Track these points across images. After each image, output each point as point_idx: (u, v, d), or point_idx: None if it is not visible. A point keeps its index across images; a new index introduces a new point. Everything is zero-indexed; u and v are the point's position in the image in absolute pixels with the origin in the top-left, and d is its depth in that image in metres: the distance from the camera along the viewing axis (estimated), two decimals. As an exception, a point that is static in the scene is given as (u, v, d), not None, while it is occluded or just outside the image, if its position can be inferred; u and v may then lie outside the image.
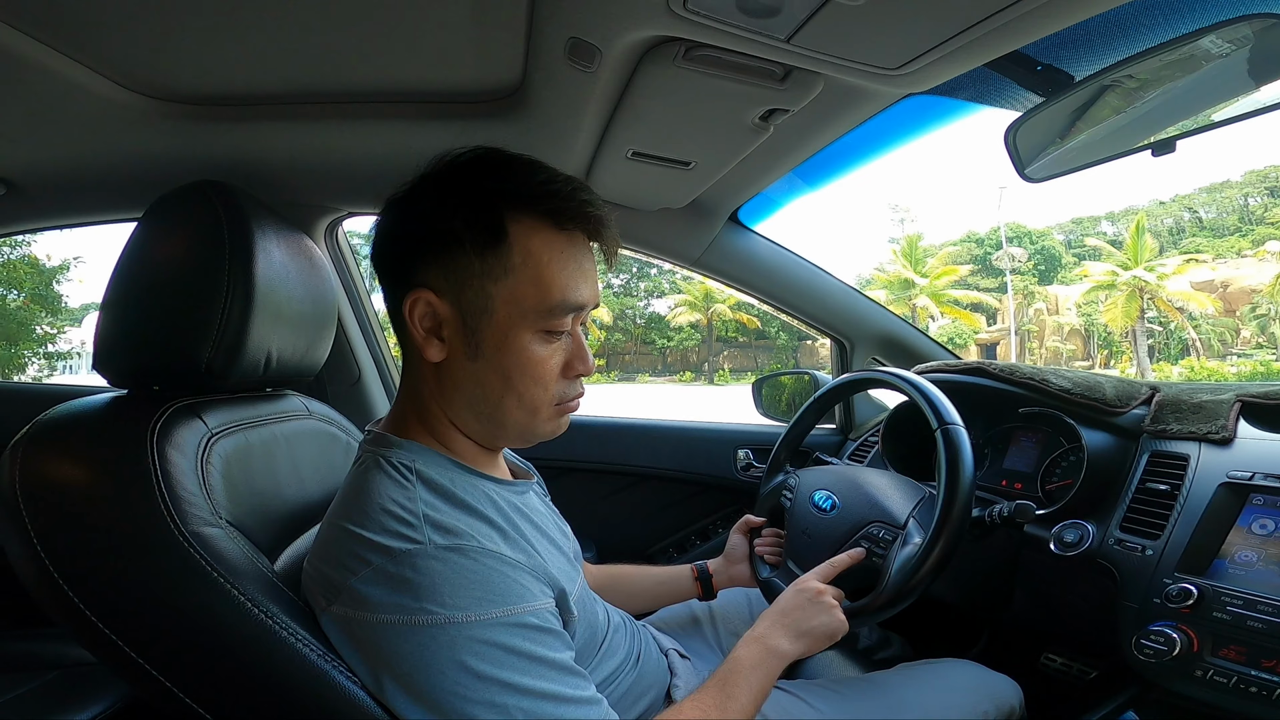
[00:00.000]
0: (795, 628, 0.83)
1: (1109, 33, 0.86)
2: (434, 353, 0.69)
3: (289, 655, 0.60)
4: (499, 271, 0.66)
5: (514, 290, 0.67)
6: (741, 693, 0.75)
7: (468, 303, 0.67)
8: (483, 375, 0.69)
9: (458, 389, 0.71)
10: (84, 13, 0.83)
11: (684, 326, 33.77)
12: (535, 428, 0.73)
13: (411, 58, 0.97)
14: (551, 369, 0.70)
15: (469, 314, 0.67)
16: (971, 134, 43.04)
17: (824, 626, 0.84)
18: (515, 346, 0.68)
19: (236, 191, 0.79)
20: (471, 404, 0.71)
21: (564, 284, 0.68)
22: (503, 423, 0.71)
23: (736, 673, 0.78)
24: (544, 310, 0.67)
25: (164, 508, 0.62)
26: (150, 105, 1.04)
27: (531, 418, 0.71)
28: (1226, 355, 25.83)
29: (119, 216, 1.46)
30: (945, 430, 0.90)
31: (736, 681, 0.76)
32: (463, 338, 0.68)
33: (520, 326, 0.67)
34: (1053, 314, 30.37)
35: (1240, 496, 0.87)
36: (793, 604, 0.86)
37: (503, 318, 0.67)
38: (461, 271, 0.66)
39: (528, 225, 0.67)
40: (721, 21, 0.75)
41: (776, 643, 0.81)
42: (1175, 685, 0.80)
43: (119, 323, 0.75)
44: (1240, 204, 37.11)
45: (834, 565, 0.92)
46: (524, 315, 0.67)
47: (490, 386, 0.69)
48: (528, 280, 0.67)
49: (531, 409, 0.71)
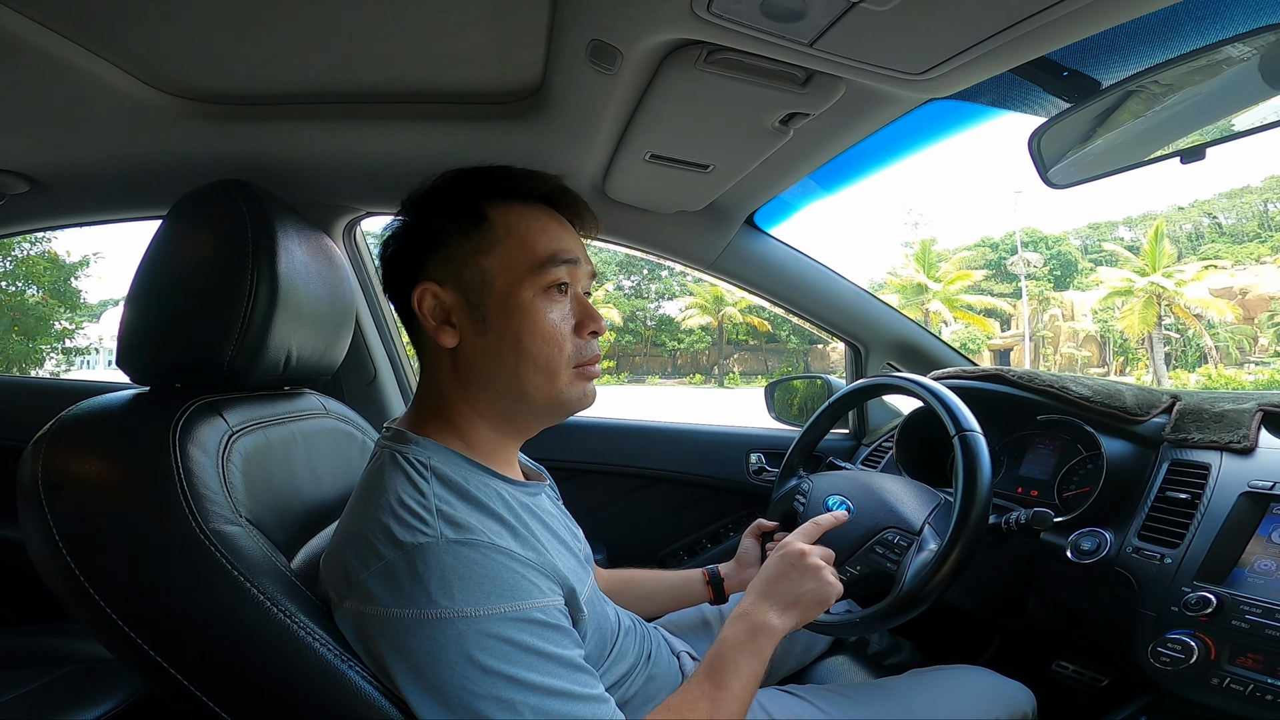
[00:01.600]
0: (783, 597, 0.80)
1: (1136, 39, 0.85)
2: (448, 338, 0.73)
3: (306, 654, 0.61)
4: (486, 245, 0.73)
5: (504, 258, 0.72)
6: (731, 679, 0.72)
7: (467, 281, 0.72)
8: (496, 349, 0.72)
9: (475, 371, 0.73)
10: (112, 12, 0.84)
11: (694, 329, 33.70)
12: (558, 393, 0.74)
13: (433, 59, 0.98)
14: (560, 327, 0.73)
15: (470, 291, 0.72)
16: (987, 138, 42.75)
17: (814, 592, 0.80)
18: (519, 308, 0.72)
19: (260, 191, 0.80)
20: (492, 383, 0.73)
21: (547, 240, 0.74)
22: (525, 394, 0.73)
23: (724, 656, 0.75)
24: (536, 265, 0.73)
25: (186, 506, 0.62)
26: (175, 104, 1.05)
27: (551, 381, 0.73)
28: (1244, 363, 25.47)
29: (142, 214, 1.47)
30: (963, 437, 0.90)
31: (725, 667, 0.74)
32: (470, 316, 0.72)
33: (519, 288, 0.72)
34: (1068, 320, 30.05)
35: (1261, 506, 0.87)
36: (777, 571, 0.82)
37: (501, 285, 0.72)
38: (456, 256, 0.73)
39: (502, 206, 0.75)
40: (745, 25, 0.74)
41: (765, 617, 0.78)
42: (1191, 693, 0.80)
43: (142, 320, 0.76)
44: (1260, 210, 36.57)
45: (819, 524, 0.90)
46: (520, 277, 0.72)
47: (505, 358, 0.72)
48: (514, 245, 0.73)
49: (549, 371, 0.73)
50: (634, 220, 1.47)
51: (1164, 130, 0.92)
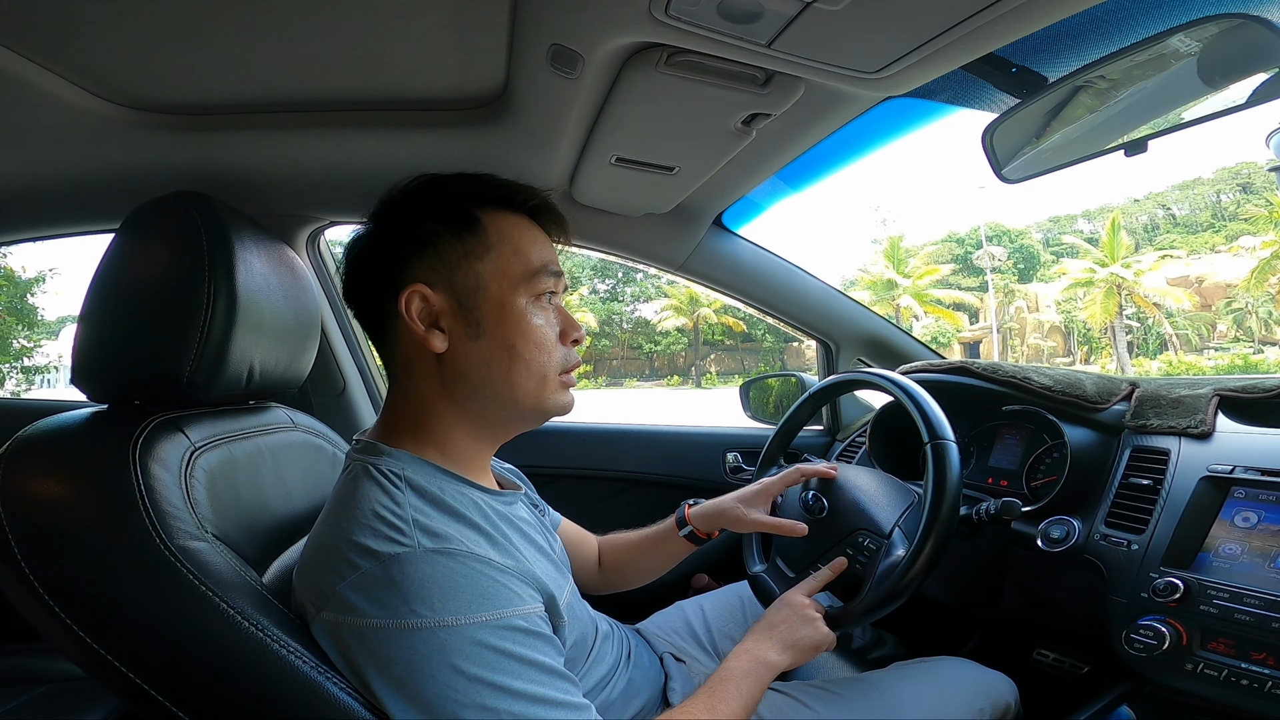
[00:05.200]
0: (783, 640, 0.86)
1: (1081, 34, 0.87)
2: (437, 343, 0.71)
3: (281, 667, 0.60)
4: (481, 250, 0.73)
5: (498, 264, 0.73)
6: (731, 697, 0.77)
7: (460, 284, 0.72)
8: (487, 353, 0.72)
9: (463, 376, 0.72)
10: (58, 22, 0.82)
11: (670, 331, 33.84)
12: (546, 398, 0.75)
13: (393, 66, 0.97)
14: (550, 335, 0.75)
15: (464, 295, 0.72)
16: (949, 134, 43.59)
17: (809, 639, 0.86)
18: (513, 315, 0.72)
19: (215, 202, 0.78)
20: (481, 388, 0.73)
21: (538, 250, 0.75)
22: (514, 399, 0.73)
23: (727, 680, 0.80)
24: (529, 274, 0.73)
25: (149, 523, 0.61)
26: (126, 115, 1.02)
27: (541, 386, 0.74)
28: (1204, 349, 26.29)
29: (95, 228, 1.43)
30: (935, 446, 0.90)
31: (726, 688, 0.78)
32: (462, 320, 0.72)
33: (513, 295, 0.72)
34: (1033, 311, 30.76)
35: (1222, 490, 0.89)
36: (779, 618, 0.89)
37: (495, 291, 0.72)
38: (448, 258, 0.72)
39: (492, 211, 0.75)
40: (703, 27, 0.75)
41: (765, 654, 0.84)
42: (1166, 679, 0.81)
43: (97, 337, 0.73)
44: (1213, 200, 37.81)
45: (817, 580, 0.93)
46: (514, 284, 0.73)
47: (497, 363, 0.72)
48: (508, 252, 0.73)
49: (540, 376, 0.74)
50: (603, 224, 1.47)
51: (1111, 124, 0.95)
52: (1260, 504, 0.84)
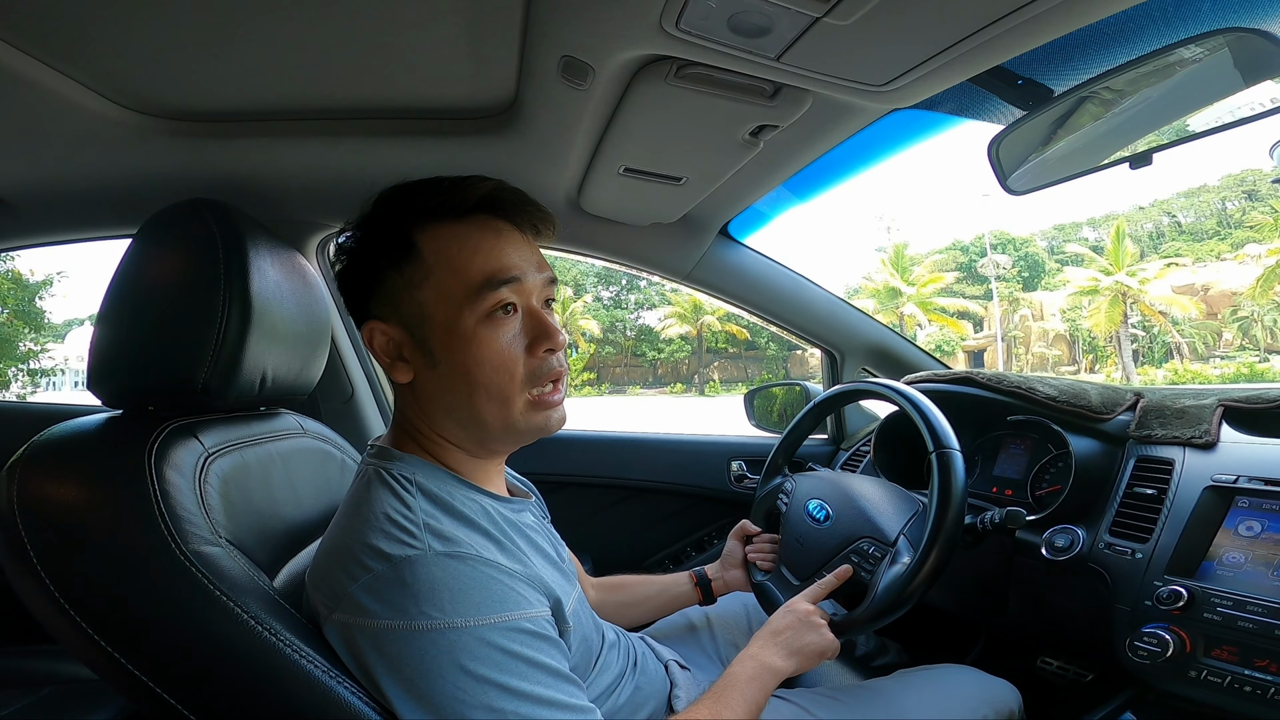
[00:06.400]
0: (787, 646, 0.86)
1: (1087, 47, 0.88)
2: (401, 374, 0.72)
3: (293, 671, 0.60)
4: (419, 278, 0.70)
5: (438, 288, 0.69)
6: (736, 702, 0.78)
7: (407, 316, 0.71)
8: (447, 381, 0.71)
9: (432, 402, 0.73)
10: (78, 29, 0.83)
11: (674, 338, 33.78)
12: (514, 421, 0.72)
13: (405, 75, 0.98)
14: (509, 352, 0.70)
15: (413, 326, 0.71)
16: (955, 144, 43.59)
17: (814, 645, 0.87)
18: (462, 339, 0.69)
19: (231, 209, 0.79)
20: (449, 413, 0.73)
21: (482, 260, 0.70)
22: (482, 423, 0.72)
23: (732, 686, 0.80)
24: (471, 290, 0.69)
25: (164, 527, 0.62)
26: (144, 122, 1.04)
27: (505, 409, 0.71)
28: (1210, 358, 26.14)
29: (111, 234, 1.45)
30: (940, 454, 0.91)
31: (731, 693, 0.79)
32: (418, 351, 0.71)
33: (458, 318, 0.69)
34: (1038, 320, 30.64)
35: (1226, 499, 0.89)
36: (784, 624, 0.89)
37: (441, 318, 0.69)
38: (392, 292, 0.71)
39: (431, 230, 0.71)
40: (713, 40, 0.76)
41: (770, 660, 0.84)
42: (1171, 686, 0.81)
43: (113, 343, 0.75)
44: (1218, 208, 37.67)
45: (823, 586, 0.94)
46: (457, 306, 0.69)
47: (457, 390, 0.71)
48: (446, 273, 0.69)
49: (502, 399, 0.71)
50: (609, 233, 1.48)
51: (1117, 135, 0.96)
52: (1264, 513, 0.85)
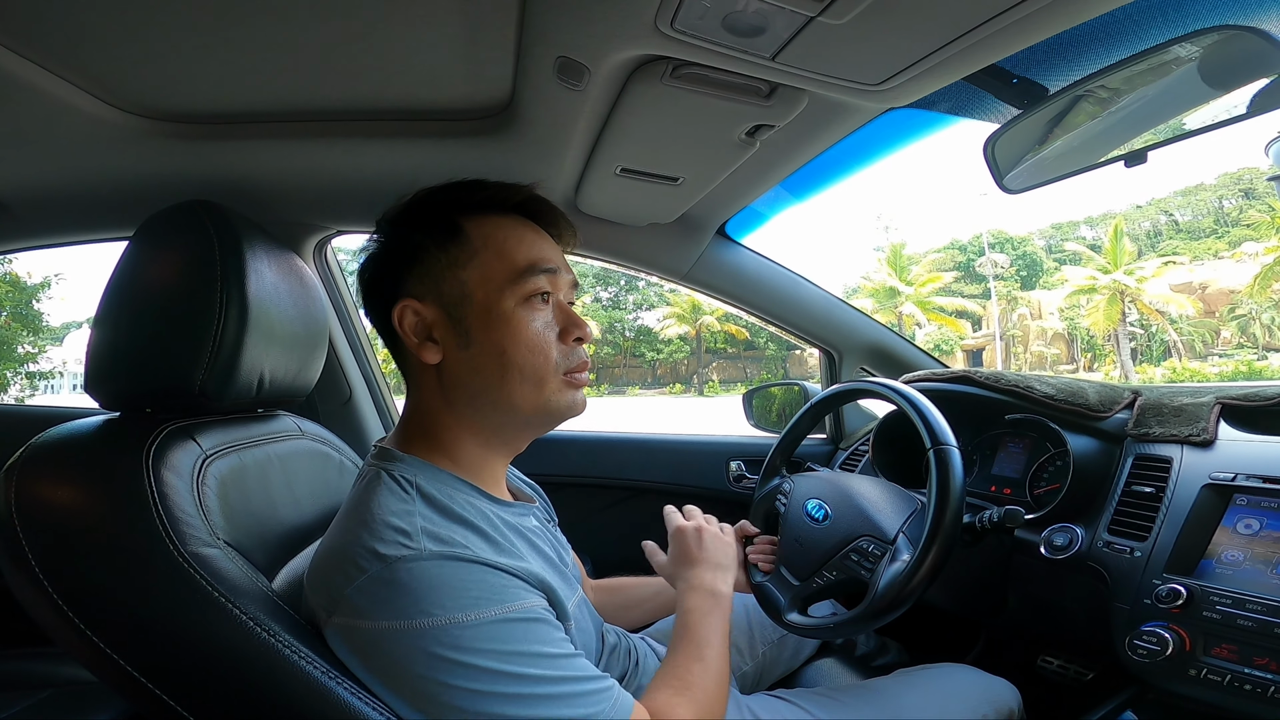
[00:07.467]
0: (713, 562, 0.89)
1: (1082, 45, 0.88)
2: (430, 355, 0.72)
3: (292, 673, 0.60)
4: (464, 258, 0.73)
5: (482, 270, 0.72)
6: (712, 636, 0.79)
7: (447, 295, 0.72)
8: (479, 361, 0.72)
9: (460, 386, 0.73)
10: (72, 30, 0.83)
11: (673, 339, 33.81)
12: (547, 401, 0.74)
13: (401, 76, 0.98)
14: (544, 335, 0.73)
15: (451, 305, 0.72)
16: (952, 143, 43.67)
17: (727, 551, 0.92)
18: (501, 319, 0.72)
19: (228, 211, 0.79)
20: (478, 396, 0.73)
21: (525, 249, 0.74)
22: (513, 405, 0.73)
23: (696, 624, 0.81)
24: (515, 275, 0.72)
25: (162, 529, 0.62)
26: (139, 124, 1.04)
27: (539, 390, 0.73)
28: (1208, 356, 26.18)
29: (108, 236, 1.45)
30: (938, 451, 0.90)
31: (699, 629, 0.80)
32: (452, 330, 0.72)
33: (499, 299, 0.72)
34: (1036, 319, 30.68)
35: (1224, 497, 0.89)
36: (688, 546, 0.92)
37: (481, 297, 0.72)
38: (434, 270, 0.73)
39: (477, 218, 0.75)
40: (708, 41, 0.76)
41: (712, 584, 0.86)
42: (1170, 685, 0.81)
43: (110, 345, 0.75)
44: (1215, 206, 37.73)
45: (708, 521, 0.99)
46: (499, 288, 0.72)
47: (489, 371, 0.72)
48: (492, 257, 0.73)
49: (537, 380, 0.72)
50: (607, 234, 1.48)
51: (1112, 134, 0.96)
52: (1262, 511, 0.85)
